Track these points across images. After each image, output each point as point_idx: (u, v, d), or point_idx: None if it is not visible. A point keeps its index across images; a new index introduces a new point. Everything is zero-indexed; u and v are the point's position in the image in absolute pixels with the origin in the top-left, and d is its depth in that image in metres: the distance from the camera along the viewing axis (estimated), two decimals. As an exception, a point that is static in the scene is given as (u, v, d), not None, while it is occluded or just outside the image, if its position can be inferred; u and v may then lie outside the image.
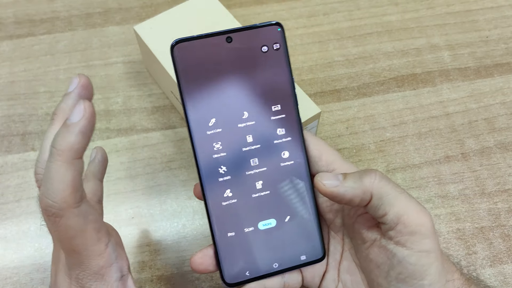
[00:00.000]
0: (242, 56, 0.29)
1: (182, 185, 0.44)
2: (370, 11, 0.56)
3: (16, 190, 0.43)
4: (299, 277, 0.31)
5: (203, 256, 0.29)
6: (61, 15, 0.55)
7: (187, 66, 0.28)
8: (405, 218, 0.26)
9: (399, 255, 0.26)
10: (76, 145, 0.23)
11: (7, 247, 0.41)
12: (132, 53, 0.52)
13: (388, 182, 0.27)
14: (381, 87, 0.50)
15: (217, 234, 0.29)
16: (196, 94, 0.29)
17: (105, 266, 0.26)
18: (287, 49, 0.30)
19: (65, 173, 0.23)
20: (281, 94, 0.30)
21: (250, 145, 0.30)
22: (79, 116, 0.24)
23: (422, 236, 0.26)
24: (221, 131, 0.29)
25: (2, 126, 0.47)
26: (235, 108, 0.29)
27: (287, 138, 0.30)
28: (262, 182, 0.30)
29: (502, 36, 0.54)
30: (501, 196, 0.44)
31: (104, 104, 0.48)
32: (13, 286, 0.39)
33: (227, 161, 0.29)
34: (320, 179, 0.28)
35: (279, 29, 0.29)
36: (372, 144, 0.47)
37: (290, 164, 0.30)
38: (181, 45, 0.28)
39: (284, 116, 0.30)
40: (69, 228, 0.24)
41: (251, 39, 0.29)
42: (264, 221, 0.30)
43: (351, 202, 0.27)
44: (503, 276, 0.40)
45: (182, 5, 0.46)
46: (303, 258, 0.31)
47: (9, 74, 0.50)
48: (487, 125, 0.48)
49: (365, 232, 0.29)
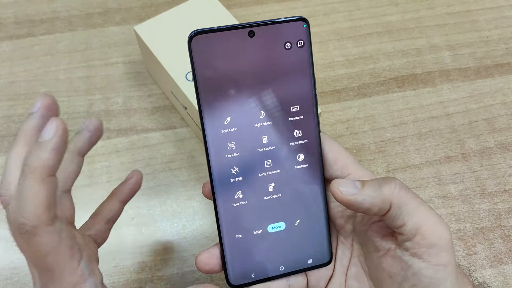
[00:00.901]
0: (264, 52, 0.28)
1: (182, 186, 0.44)
2: (370, 11, 0.56)
3: (16, 191, 0.43)
4: (304, 281, 0.31)
5: (210, 256, 0.29)
6: (61, 15, 0.55)
7: (204, 60, 0.27)
8: (423, 230, 0.25)
9: (414, 267, 0.26)
10: (49, 162, 0.23)
11: (7, 247, 0.41)
12: (132, 53, 0.52)
13: (408, 192, 0.26)
14: (381, 87, 0.50)
15: (225, 235, 0.29)
16: (212, 90, 0.27)
17: (79, 283, 0.26)
18: (311, 48, 0.28)
19: (38, 190, 0.23)
20: (301, 94, 0.29)
21: (265, 146, 0.29)
22: (51, 134, 0.23)
23: (440, 249, 0.25)
24: (236, 130, 0.28)
25: (2, 126, 0.47)
26: (252, 107, 0.28)
27: (304, 141, 0.29)
28: (274, 184, 0.29)
29: (502, 36, 0.54)
30: (501, 197, 0.44)
31: (104, 104, 0.48)
32: (13, 286, 0.39)
33: (240, 162, 0.28)
34: (337, 186, 0.26)
35: (304, 25, 0.28)
36: (372, 145, 0.47)
37: (305, 167, 0.29)
38: (200, 37, 0.27)
39: (303, 117, 0.29)
40: (42, 245, 0.24)
41: (274, 35, 0.28)
42: (273, 224, 0.29)
43: (369, 211, 0.26)
44: (504, 276, 0.40)
45: (182, 5, 0.46)
46: (309, 261, 0.30)
47: (9, 75, 0.50)
48: (487, 126, 0.48)
49: (378, 240, 0.28)
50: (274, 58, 0.28)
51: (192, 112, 0.43)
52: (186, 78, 0.42)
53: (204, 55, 0.27)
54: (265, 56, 0.28)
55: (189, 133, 0.47)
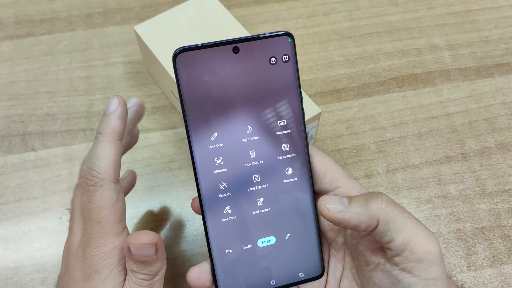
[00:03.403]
0: (249, 68, 0.28)
1: (182, 186, 0.44)
2: (370, 11, 0.56)
3: (16, 191, 0.43)
4: None
5: (200, 272, 0.29)
6: (61, 15, 0.55)
7: (190, 76, 0.27)
8: (412, 245, 0.25)
9: (404, 282, 0.26)
10: (117, 128, 0.29)
11: (7, 247, 0.41)
12: (132, 53, 0.52)
13: (395, 207, 0.26)
14: (381, 87, 0.50)
15: (215, 250, 0.29)
16: (198, 107, 0.27)
17: (117, 248, 0.28)
18: (297, 62, 0.28)
19: (109, 150, 0.28)
20: (287, 108, 0.28)
21: (253, 160, 0.28)
22: (115, 106, 0.29)
23: (430, 263, 0.25)
24: (224, 145, 0.28)
25: (2, 126, 0.47)
26: (239, 122, 0.28)
27: (292, 155, 0.29)
28: (263, 199, 0.29)
29: (503, 36, 0.54)
30: (501, 197, 0.44)
31: (104, 104, 0.48)
32: (13, 286, 0.39)
33: (228, 177, 0.28)
34: (324, 203, 0.26)
35: (289, 40, 0.28)
36: (372, 144, 0.47)
37: (293, 181, 0.29)
38: (184, 54, 0.27)
39: (290, 131, 0.29)
40: (103, 198, 0.28)
41: (259, 50, 0.28)
42: (263, 238, 0.29)
43: (356, 228, 0.26)
44: (503, 276, 0.40)
45: (182, 5, 0.46)
46: (301, 275, 0.30)
47: (9, 74, 0.50)
48: (487, 125, 0.48)
49: (369, 255, 0.28)
50: (260, 74, 0.28)
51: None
52: (186, 78, 0.42)
53: (189, 72, 0.27)
54: (251, 71, 0.28)
55: (189, 133, 0.47)
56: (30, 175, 0.44)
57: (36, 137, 0.46)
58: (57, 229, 0.42)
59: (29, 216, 0.42)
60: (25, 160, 0.45)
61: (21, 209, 0.43)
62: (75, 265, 0.28)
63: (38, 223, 0.42)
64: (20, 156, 0.45)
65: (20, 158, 0.45)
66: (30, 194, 0.43)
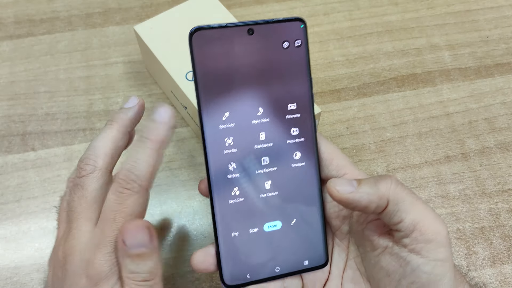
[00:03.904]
0: (262, 50, 0.28)
1: (182, 185, 0.44)
2: (370, 11, 0.56)
3: (16, 190, 0.43)
4: (300, 284, 0.30)
5: (205, 255, 0.29)
6: (61, 15, 0.55)
7: (204, 55, 0.27)
8: (421, 226, 0.25)
9: (413, 263, 0.26)
10: (164, 139, 0.28)
11: (7, 247, 0.41)
12: (132, 53, 0.52)
13: (404, 188, 0.26)
14: (381, 87, 0.50)
15: (221, 232, 0.28)
16: (211, 86, 0.28)
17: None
18: (308, 47, 0.29)
19: (152, 158, 0.27)
20: (298, 93, 0.29)
21: (263, 143, 0.29)
22: (167, 116, 0.28)
23: (438, 244, 0.25)
24: (234, 126, 0.28)
25: (2, 126, 0.47)
26: (250, 103, 0.28)
27: (300, 139, 0.29)
28: (271, 182, 0.29)
29: (503, 36, 0.54)
30: (501, 196, 0.44)
31: (104, 104, 0.48)
32: (13, 286, 0.39)
33: (237, 158, 0.28)
34: (333, 185, 0.26)
35: (302, 26, 0.28)
36: (372, 144, 0.47)
37: (301, 166, 0.29)
38: (200, 33, 0.27)
39: (299, 116, 0.29)
40: (136, 204, 0.27)
41: (273, 34, 0.28)
42: (269, 222, 0.29)
43: (366, 209, 0.26)
44: (503, 276, 0.40)
45: (182, 5, 0.46)
46: (305, 263, 0.30)
47: (9, 74, 0.50)
48: (487, 125, 0.48)
49: (376, 238, 0.28)
50: (272, 56, 0.28)
51: (192, 112, 0.43)
52: (186, 78, 0.42)
53: (204, 51, 0.27)
54: (263, 54, 0.28)
55: (189, 133, 0.47)
56: (30, 175, 0.44)
57: (36, 137, 0.46)
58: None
59: (29, 216, 0.42)
60: (25, 160, 0.45)
61: (21, 209, 0.43)
62: (79, 270, 0.26)
63: (38, 222, 0.42)
64: (20, 156, 0.45)
65: (20, 158, 0.45)
66: (30, 194, 0.43)
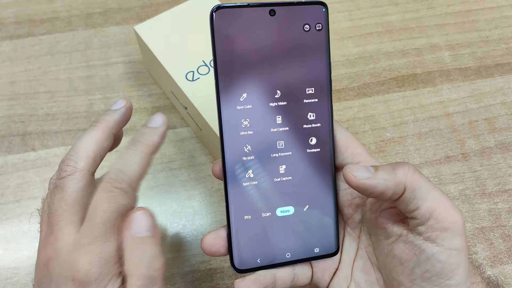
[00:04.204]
0: (283, 32, 0.28)
1: (182, 185, 0.44)
2: (370, 11, 0.56)
3: (16, 190, 0.43)
4: (309, 272, 0.30)
5: (216, 237, 0.28)
6: (61, 15, 0.55)
7: (224, 34, 0.27)
8: (437, 214, 0.25)
9: (428, 252, 0.25)
10: (157, 144, 0.28)
11: (7, 247, 0.41)
12: (132, 53, 0.52)
13: (421, 176, 0.26)
14: (382, 87, 0.50)
15: (233, 215, 0.28)
16: (230, 65, 0.27)
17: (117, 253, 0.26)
18: (329, 32, 0.29)
19: (143, 162, 0.27)
20: (316, 77, 0.29)
21: (279, 126, 0.28)
22: (160, 123, 0.29)
23: (454, 233, 0.25)
24: (251, 107, 0.28)
25: (2, 126, 0.47)
26: (268, 85, 0.28)
27: (317, 124, 0.29)
28: (285, 166, 0.29)
29: (503, 36, 0.54)
30: (501, 197, 0.44)
31: (104, 104, 0.48)
32: (13, 286, 0.39)
33: (253, 140, 0.28)
34: (350, 171, 0.26)
35: (323, 10, 0.28)
36: (373, 144, 0.46)
37: (316, 151, 0.29)
38: (222, 11, 0.27)
39: (317, 100, 0.29)
40: (123, 205, 0.26)
41: (294, 16, 0.28)
42: (282, 207, 0.29)
43: (383, 195, 0.26)
44: (504, 276, 0.40)
45: (183, 5, 0.46)
46: (316, 250, 0.30)
47: (9, 74, 0.50)
48: (487, 125, 0.48)
49: (390, 226, 0.28)
50: (293, 39, 0.28)
51: (192, 112, 0.43)
52: (186, 78, 0.42)
53: (225, 30, 0.27)
54: (284, 36, 0.28)
55: (189, 133, 0.47)
56: (30, 175, 0.44)
57: (36, 137, 0.46)
58: (57, 229, 0.42)
59: (29, 216, 0.42)
60: (25, 160, 0.45)
61: (21, 209, 0.42)
62: (65, 273, 0.25)
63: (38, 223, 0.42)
64: (20, 156, 0.45)
65: (20, 158, 0.45)
66: (30, 194, 0.43)
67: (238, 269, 0.29)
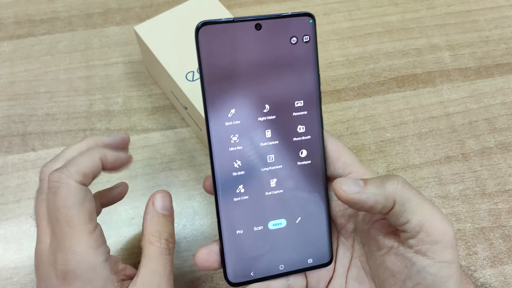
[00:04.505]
0: (270, 46, 0.28)
1: (182, 186, 0.44)
2: (370, 11, 0.56)
3: (16, 191, 0.43)
4: (304, 282, 0.30)
5: (209, 252, 0.29)
6: (61, 15, 0.55)
7: (210, 51, 0.27)
8: (427, 227, 0.25)
9: (418, 265, 0.25)
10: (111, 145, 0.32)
11: (7, 247, 0.41)
12: (132, 53, 0.52)
13: (411, 189, 0.26)
14: (382, 87, 0.50)
15: (225, 230, 0.28)
16: (217, 82, 0.27)
17: (93, 246, 0.27)
18: (317, 43, 0.28)
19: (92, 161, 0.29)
20: (305, 89, 0.28)
21: (268, 140, 0.28)
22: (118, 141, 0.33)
23: (445, 245, 0.25)
24: (240, 123, 0.28)
25: (2, 126, 0.47)
26: (256, 100, 0.28)
27: (307, 137, 0.29)
28: (276, 180, 0.29)
29: (503, 36, 0.54)
30: (501, 197, 0.44)
31: (104, 104, 0.48)
32: (13, 286, 0.39)
33: (243, 156, 0.28)
34: (339, 185, 0.26)
35: (310, 21, 0.28)
36: (373, 145, 0.46)
37: (307, 163, 0.29)
38: (207, 27, 0.27)
39: (306, 113, 0.29)
40: (69, 197, 0.27)
41: (281, 29, 0.28)
42: (274, 220, 0.29)
43: (372, 209, 0.26)
44: (504, 276, 0.40)
45: (183, 5, 0.46)
46: (310, 261, 0.30)
47: (9, 75, 0.50)
48: (487, 126, 0.48)
49: (381, 238, 0.28)
50: (280, 52, 0.28)
51: (192, 112, 0.43)
52: (186, 78, 0.42)
53: (211, 46, 0.27)
54: (271, 49, 0.28)
55: (189, 133, 0.47)
56: (30, 175, 0.44)
57: (36, 137, 0.46)
58: (57, 229, 0.42)
59: (29, 216, 0.42)
60: (25, 160, 0.45)
61: (21, 209, 0.42)
62: (50, 273, 0.27)
63: (38, 223, 0.42)
64: (20, 156, 0.45)
65: (20, 158, 0.45)
66: (30, 194, 0.43)
67: (232, 282, 0.29)
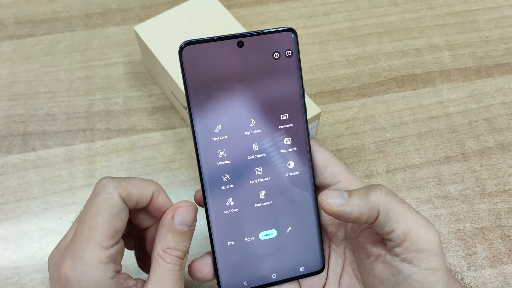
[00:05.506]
0: (253, 62, 0.28)
1: (182, 186, 0.44)
2: (370, 11, 0.56)
3: (16, 191, 0.43)
4: None
5: (202, 264, 0.29)
6: (61, 15, 0.55)
7: (195, 69, 0.28)
8: (412, 235, 0.25)
9: (405, 272, 0.26)
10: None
11: (7, 247, 0.41)
12: (132, 53, 0.52)
13: (395, 198, 0.26)
14: (381, 87, 0.50)
15: (217, 242, 0.29)
16: (203, 99, 0.28)
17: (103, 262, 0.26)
18: (300, 57, 0.29)
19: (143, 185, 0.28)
20: (290, 102, 0.29)
21: (256, 153, 0.29)
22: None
23: (430, 253, 0.25)
24: (227, 138, 0.28)
25: (3, 126, 0.47)
26: (242, 115, 0.29)
27: (294, 148, 0.29)
28: (265, 192, 0.29)
29: (503, 36, 0.54)
30: (501, 197, 0.44)
31: (104, 104, 0.48)
32: (13, 286, 0.39)
33: (231, 169, 0.29)
34: (324, 198, 0.27)
35: (292, 36, 0.29)
36: (372, 145, 0.47)
37: (295, 174, 0.30)
38: (190, 47, 0.27)
39: (292, 125, 0.29)
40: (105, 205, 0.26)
41: (263, 45, 0.28)
42: (265, 231, 0.30)
43: (358, 220, 0.26)
44: (503, 276, 0.40)
45: (183, 5, 0.46)
46: (302, 269, 0.30)
47: (9, 75, 0.50)
48: (487, 126, 0.48)
49: (369, 247, 0.28)
50: (263, 68, 0.28)
51: (192, 112, 0.43)
52: (186, 78, 0.42)
53: (195, 65, 0.28)
54: (254, 65, 0.28)
55: (189, 133, 0.47)
56: (30, 175, 0.44)
57: (36, 137, 0.46)
58: (57, 229, 0.42)
59: (29, 216, 0.42)
60: (25, 160, 0.45)
61: (21, 209, 0.43)
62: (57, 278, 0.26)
63: (38, 223, 0.42)
64: (20, 156, 0.45)
65: (20, 158, 0.45)
66: (30, 194, 0.43)
67: None
